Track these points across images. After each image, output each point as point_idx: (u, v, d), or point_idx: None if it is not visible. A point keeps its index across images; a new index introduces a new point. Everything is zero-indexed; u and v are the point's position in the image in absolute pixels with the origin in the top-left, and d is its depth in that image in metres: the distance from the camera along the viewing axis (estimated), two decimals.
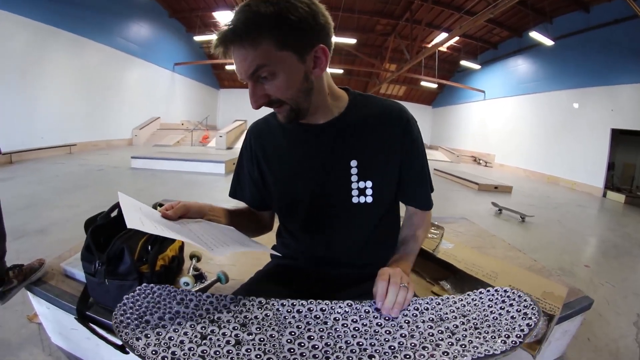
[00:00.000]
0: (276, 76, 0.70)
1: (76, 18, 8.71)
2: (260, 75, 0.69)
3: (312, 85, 0.75)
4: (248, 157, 0.95)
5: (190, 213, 0.78)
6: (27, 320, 1.57)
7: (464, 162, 14.65)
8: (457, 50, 15.11)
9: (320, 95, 0.80)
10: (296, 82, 0.72)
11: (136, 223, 0.63)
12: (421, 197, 0.93)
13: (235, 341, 0.60)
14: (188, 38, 14.91)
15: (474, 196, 6.45)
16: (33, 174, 5.55)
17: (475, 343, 0.58)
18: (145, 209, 0.75)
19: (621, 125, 8.32)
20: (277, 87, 0.71)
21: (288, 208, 0.94)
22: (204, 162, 7.03)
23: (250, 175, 0.96)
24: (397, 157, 0.86)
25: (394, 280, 0.70)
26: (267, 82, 0.71)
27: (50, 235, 2.80)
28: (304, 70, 0.72)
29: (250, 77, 0.70)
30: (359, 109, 0.86)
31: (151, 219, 0.69)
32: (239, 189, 1.00)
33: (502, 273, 1.39)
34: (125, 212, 0.65)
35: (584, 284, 2.64)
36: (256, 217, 1.03)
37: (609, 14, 8.52)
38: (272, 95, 0.72)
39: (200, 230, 0.73)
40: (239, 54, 0.67)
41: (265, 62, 0.67)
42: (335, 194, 0.87)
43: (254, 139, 0.94)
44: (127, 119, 11.73)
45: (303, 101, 0.75)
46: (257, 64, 0.67)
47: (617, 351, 1.74)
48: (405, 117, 0.86)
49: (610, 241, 4.15)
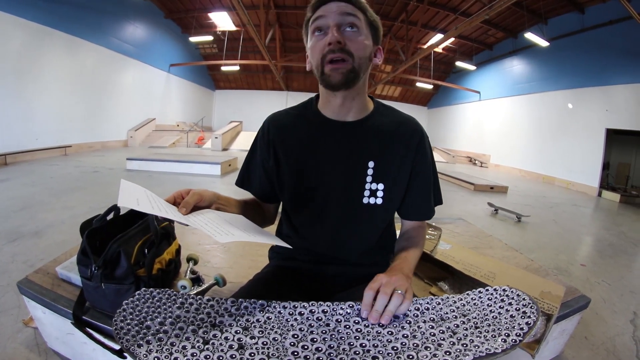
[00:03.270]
0: (359, 36, 0.81)
1: (72, 19, 8.66)
2: (350, 22, 0.80)
3: (369, 68, 0.86)
4: (264, 145, 0.95)
5: (204, 200, 0.75)
6: (22, 324, 1.55)
7: (460, 162, 14.69)
8: (452, 51, 15.18)
9: (365, 84, 0.88)
10: (368, 50, 0.83)
11: (129, 201, 0.59)
12: (423, 209, 0.96)
13: (238, 345, 0.60)
14: (184, 39, 14.84)
15: (470, 196, 6.47)
16: (28, 175, 5.50)
17: (477, 342, 0.58)
18: (152, 196, 0.69)
19: (616, 125, 8.38)
20: (357, 41, 0.80)
21: (299, 199, 0.93)
22: (200, 163, 7.00)
23: (264, 164, 0.96)
24: (409, 167, 0.91)
25: (384, 290, 0.67)
26: (350, 35, 0.80)
27: (45, 237, 2.77)
28: (372, 50, 0.85)
29: (341, 22, 0.79)
30: (381, 115, 0.93)
31: (151, 201, 0.65)
32: (246, 178, 1.00)
33: (499, 273, 1.39)
34: (121, 192, 0.62)
35: (581, 283, 2.66)
36: (261, 209, 1.02)
37: (603, 15, 8.59)
38: (349, 44, 0.79)
39: (205, 218, 0.69)
40: (342, 4, 0.79)
41: (360, 21, 0.81)
42: (348, 192, 0.90)
43: (272, 127, 0.94)
44: (123, 120, 11.67)
45: (362, 68, 0.82)
46: (354, 19, 0.80)
47: (615, 349, 1.75)
48: (420, 131, 0.93)
49: (606, 240, 4.18)
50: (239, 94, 20.29)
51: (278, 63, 14.52)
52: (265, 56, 12.33)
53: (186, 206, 0.69)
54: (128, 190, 0.66)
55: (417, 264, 0.90)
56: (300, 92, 19.70)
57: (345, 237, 0.93)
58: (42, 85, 7.97)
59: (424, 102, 20.86)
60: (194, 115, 17.21)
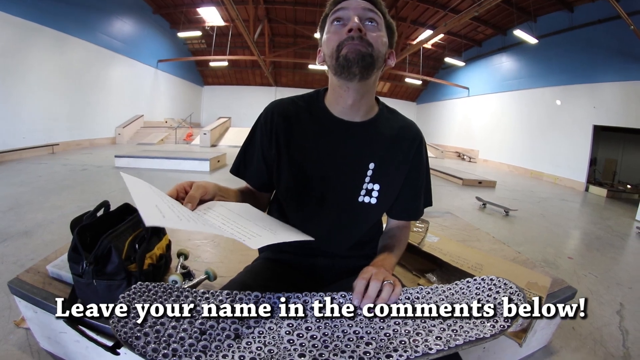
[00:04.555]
0: (379, 31, 0.82)
1: (58, 14, 8.48)
2: (371, 17, 0.82)
3: (382, 68, 0.86)
4: (267, 132, 0.91)
5: (208, 193, 0.73)
6: (14, 325, 1.54)
7: (448, 157, 14.79)
8: (441, 48, 15.25)
9: (374, 84, 0.89)
10: (384, 49, 0.84)
11: (155, 218, 0.51)
12: (411, 211, 1.00)
13: (235, 335, 0.61)
14: (172, 34, 14.66)
15: (458, 191, 6.53)
16: (15, 175, 5.40)
17: (466, 328, 0.60)
18: (158, 193, 0.64)
19: (603, 122, 8.54)
20: (377, 34, 0.81)
21: (295, 192, 0.92)
22: (189, 160, 6.97)
23: (264, 152, 0.92)
24: (405, 170, 0.94)
25: (376, 278, 0.70)
26: (371, 27, 0.81)
27: (34, 237, 2.73)
28: (387, 51, 0.86)
29: (362, 15, 0.81)
30: (386, 118, 0.95)
31: (171, 207, 0.59)
32: (242, 166, 0.97)
33: (486, 265, 1.42)
34: (140, 204, 0.52)
35: (568, 275, 2.71)
36: (255, 198, 0.99)
37: (592, 14, 8.73)
38: (370, 36, 0.80)
39: (216, 213, 0.67)
40: (364, 2, 0.82)
41: (381, 19, 0.83)
42: (346, 189, 0.91)
43: (277, 116, 0.91)
44: (110, 117, 11.50)
45: (377, 61, 0.82)
46: (375, 15, 0.82)
47: (602, 339, 1.80)
48: (420, 137, 0.96)
49: (593, 234, 4.27)
50: (228, 89, 20.15)
51: (267, 58, 14.47)
52: (254, 51, 12.28)
53: (192, 201, 0.68)
54: (141, 195, 0.57)
55: (405, 255, 0.92)
56: (288, 87, 19.64)
57: (337, 232, 0.94)
58: (28, 83, 7.80)
59: (412, 97, 20.94)
60: (182, 112, 17.02)
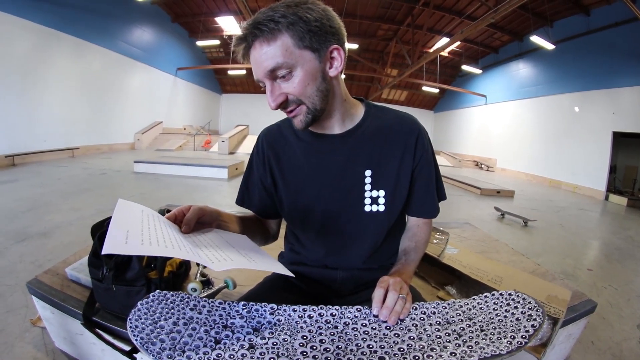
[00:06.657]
0: (294, 74, 0.71)
1: (79, 22, 8.78)
2: (278, 74, 0.71)
3: (330, 86, 0.77)
4: (260, 162, 0.93)
5: (206, 215, 0.74)
6: (30, 324, 1.57)
7: (466, 166, 14.67)
8: (458, 55, 15.17)
9: (336, 100, 0.82)
10: (314, 80, 0.73)
11: (113, 247, 0.52)
12: (427, 207, 0.93)
13: (249, 345, 0.61)
14: (191, 43, 14.98)
15: (476, 201, 6.45)
16: (35, 176, 5.57)
17: (482, 344, 0.59)
18: (153, 217, 0.67)
19: (623, 128, 8.32)
20: (295, 85, 0.72)
21: (300, 217, 0.92)
22: (207, 167, 7.04)
23: (262, 181, 0.94)
24: (409, 168, 0.88)
25: (393, 288, 0.71)
26: (284, 82, 0.72)
27: (53, 238, 2.80)
28: (321, 69, 0.74)
29: (268, 74, 0.71)
30: (374, 120, 0.88)
31: (156, 232, 0.61)
32: (246, 196, 0.98)
33: (506, 277, 1.39)
34: (110, 232, 0.55)
35: (587, 287, 2.64)
36: (263, 226, 1.00)
37: (609, 17, 8.53)
38: (290, 93, 0.73)
39: (207, 239, 0.70)
40: (259, 50, 0.70)
41: (284, 60, 0.69)
42: (349, 203, 0.88)
43: (266, 145, 0.92)
44: (130, 123, 11.79)
45: (320, 102, 0.76)
46: (276, 62, 0.69)
47: (621, 354, 1.74)
48: (417, 128, 0.88)
49: (613, 244, 4.14)
50: (246, 97, 20.39)
51: None
52: None
53: (188, 224, 0.69)
54: (119, 222, 0.60)
55: (424, 268, 0.89)
56: None
57: (351, 245, 0.92)
58: (49, 88, 8.07)
59: (430, 106, 20.86)
60: (200, 119, 17.33)
